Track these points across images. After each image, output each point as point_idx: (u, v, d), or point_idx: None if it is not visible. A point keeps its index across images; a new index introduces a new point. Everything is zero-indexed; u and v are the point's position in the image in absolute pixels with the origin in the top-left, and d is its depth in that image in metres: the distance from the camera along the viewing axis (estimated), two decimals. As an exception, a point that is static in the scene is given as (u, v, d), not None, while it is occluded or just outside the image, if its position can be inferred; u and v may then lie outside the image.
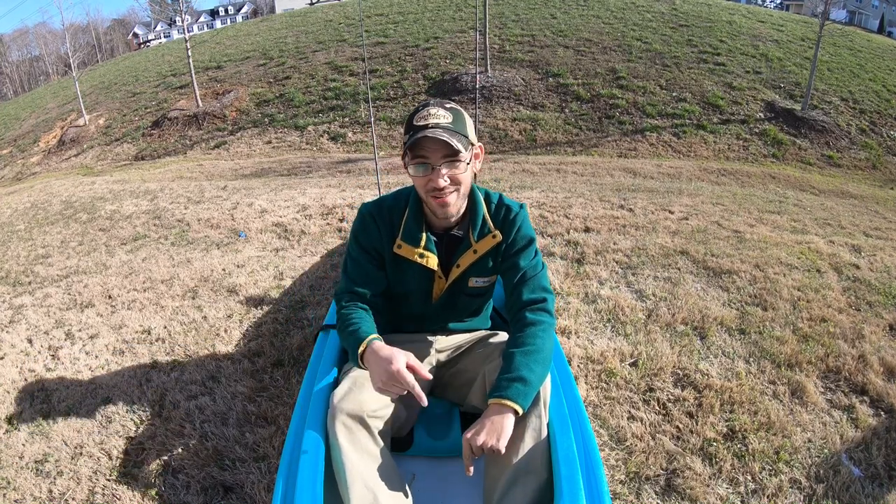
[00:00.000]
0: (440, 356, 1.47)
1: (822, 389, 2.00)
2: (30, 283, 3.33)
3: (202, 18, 54.28)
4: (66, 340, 2.49)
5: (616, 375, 2.02)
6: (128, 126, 12.61)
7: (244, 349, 2.30)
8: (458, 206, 1.31)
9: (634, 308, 2.55)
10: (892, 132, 9.68)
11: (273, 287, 2.93)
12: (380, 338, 1.24)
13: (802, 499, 1.52)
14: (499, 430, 1.10)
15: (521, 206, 1.38)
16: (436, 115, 1.21)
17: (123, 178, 8.13)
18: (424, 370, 1.10)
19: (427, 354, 1.43)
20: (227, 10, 55.13)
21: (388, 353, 1.14)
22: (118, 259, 3.59)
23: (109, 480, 1.61)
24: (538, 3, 15.18)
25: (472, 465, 1.12)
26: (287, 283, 2.96)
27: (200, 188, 6.10)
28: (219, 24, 45.35)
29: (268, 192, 5.41)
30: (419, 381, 1.10)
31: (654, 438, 1.71)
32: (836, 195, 6.98)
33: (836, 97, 10.45)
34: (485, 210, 1.36)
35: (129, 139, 11.95)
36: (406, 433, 1.35)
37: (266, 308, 2.68)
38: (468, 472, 1.12)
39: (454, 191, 1.26)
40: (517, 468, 1.12)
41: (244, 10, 54.27)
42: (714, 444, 1.68)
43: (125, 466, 1.67)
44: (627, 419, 1.80)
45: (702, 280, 2.90)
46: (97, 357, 2.32)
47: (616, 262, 3.10)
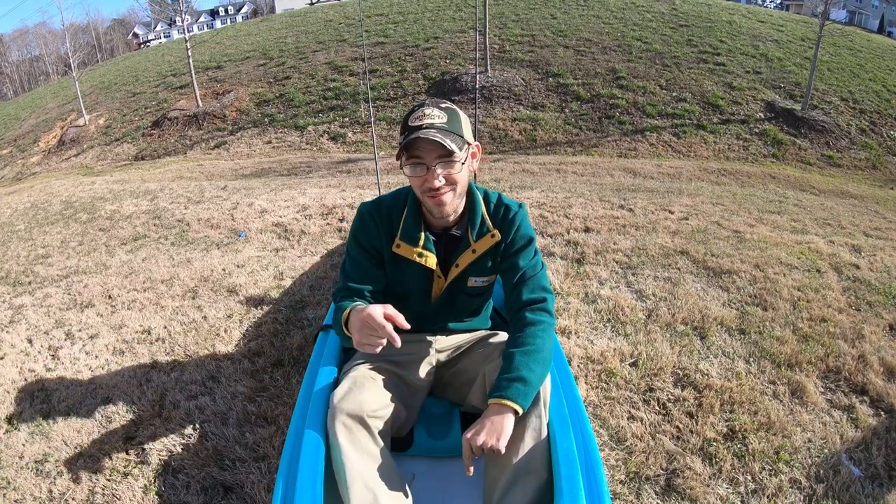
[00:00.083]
0: (440, 356, 1.47)
1: (822, 389, 2.00)
2: (30, 283, 3.33)
3: (202, 18, 54.29)
4: (66, 340, 2.49)
5: (616, 375, 2.02)
6: (128, 126, 12.61)
7: (244, 349, 2.30)
8: (455, 206, 1.31)
9: (634, 308, 2.55)
10: (892, 132, 9.68)
11: (273, 287, 2.93)
12: (365, 304, 1.21)
13: (802, 499, 1.52)
14: (499, 430, 1.10)
15: (521, 206, 1.38)
16: (430, 116, 1.21)
17: (123, 178, 8.13)
18: (402, 319, 1.07)
19: (427, 354, 1.43)
20: (227, 10, 55.13)
21: (364, 307, 1.11)
22: (118, 259, 3.59)
23: (109, 480, 1.61)
24: (538, 3, 15.18)
25: (472, 465, 1.12)
26: (287, 283, 2.96)
27: (200, 188, 6.10)
28: (219, 24, 45.36)
29: (268, 192, 5.41)
30: (399, 332, 1.07)
31: (654, 438, 1.71)
32: (836, 195, 6.98)
33: (836, 97, 10.45)
34: (483, 209, 1.36)
35: (129, 139, 11.95)
36: (406, 433, 1.35)
37: (266, 308, 2.68)
38: (468, 472, 1.12)
39: (450, 190, 1.25)
40: (517, 468, 1.12)
41: (244, 10, 54.27)
42: (714, 444, 1.68)
43: (125, 466, 1.67)
44: (627, 419, 1.80)
45: (702, 280, 2.90)
46: (97, 357, 2.32)
47: (616, 262, 3.10)
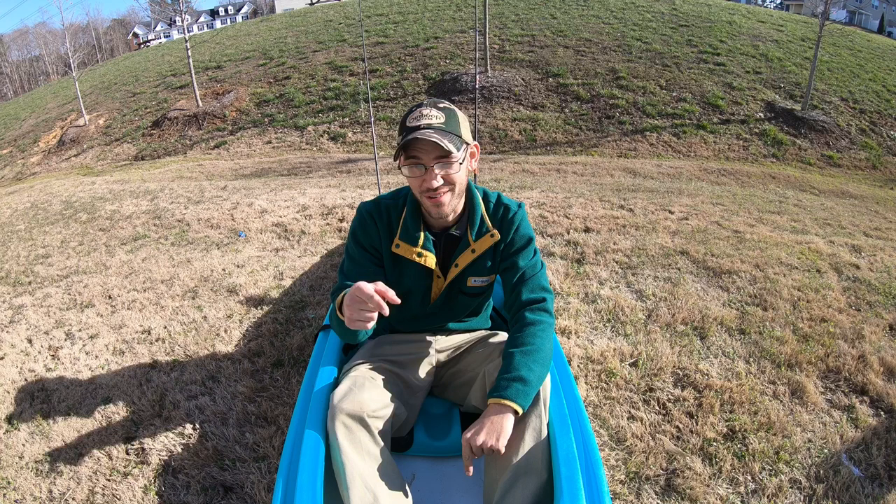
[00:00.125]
0: (440, 356, 1.47)
1: (822, 389, 2.00)
2: (30, 283, 3.33)
3: (202, 18, 54.30)
4: (66, 340, 2.49)
5: (616, 375, 2.02)
6: (128, 126, 12.61)
7: (244, 349, 2.30)
8: (454, 206, 1.31)
9: (634, 308, 2.55)
10: (892, 132, 9.68)
11: (273, 287, 2.93)
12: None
13: (802, 499, 1.52)
14: (498, 430, 1.10)
15: (520, 206, 1.38)
16: (428, 116, 1.21)
17: (123, 178, 8.13)
18: (393, 294, 1.06)
19: (427, 354, 1.43)
20: (227, 10, 55.12)
21: (355, 284, 1.10)
22: (118, 259, 3.59)
23: (109, 480, 1.61)
24: (538, 3, 15.18)
25: (472, 465, 1.12)
26: (287, 283, 2.96)
27: (200, 188, 6.10)
28: (219, 24, 45.38)
29: (268, 192, 5.41)
30: (390, 307, 1.07)
31: (654, 438, 1.71)
32: (836, 195, 6.97)
33: (836, 97, 10.45)
34: (483, 209, 1.36)
35: (129, 139, 11.95)
36: (406, 433, 1.35)
37: (266, 308, 2.68)
38: (468, 472, 1.12)
39: (448, 191, 1.26)
40: (517, 468, 1.12)
41: (244, 10, 54.27)
42: (714, 444, 1.68)
43: (125, 466, 1.67)
44: (627, 419, 1.80)
45: (702, 280, 2.90)
46: (97, 357, 2.33)
47: (616, 262, 3.10)
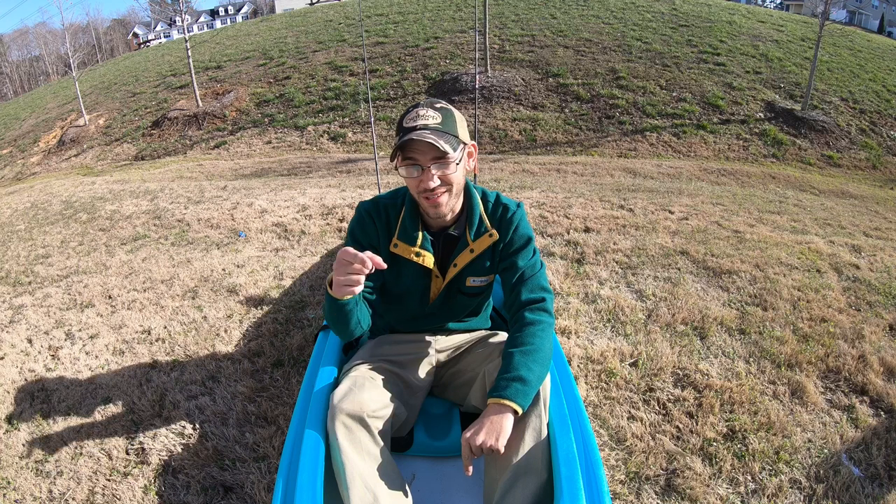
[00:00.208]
0: (440, 356, 1.47)
1: (822, 389, 2.00)
2: (30, 283, 3.33)
3: (202, 18, 54.29)
4: (66, 340, 2.49)
5: (616, 375, 2.02)
6: (128, 126, 12.61)
7: (244, 349, 2.30)
8: (452, 206, 1.31)
9: (634, 308, 2.55)
10: (892, 132, 9.67)
11: (273, 287, 2.93)
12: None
13: (802, 499, 1.52)
14: (498, 430, 1.10)
15: (519, 205, 1.38)
16: (424, 116, 1.21)
17: (123, 178, 8.13)
18: (379, 259, 1.06)
19: (427, 354, 1.43)
20: (227, 10, 55.12)
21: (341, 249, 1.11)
22: (118, 259, 3.59)
23: (109, 480, 1.61)
24: (538, 3, 15.18)
25: (472, 465, 1.12)
26: (287, 283, 2.96)
27: (200, 188, 6.10)
28: (219, 24, 45.37)
29: (268, 192, 5.41)
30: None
31: (654, 438, 1.71)
32: (836, 195, 6.97)
33: (836, 97, 10.45)
34: (481, 209, 1.36)
35: (129, 139, 11.95)
36: (406, 433, 1.35)
37: (266, 308, 2.68)
38: (467, 472, 1.12)
39: (446, 191, 1.25)
40: (517, 468, 1.12)
41: (244, 10, 54.27)
42: (714, 444, 1.68)
43: (125, 466, 1.67)
44: (627, 419, 1.80)
45: (702, 280, 2.90)
46: (97, 357, 2.33)
47: (616, 262, 3.10)
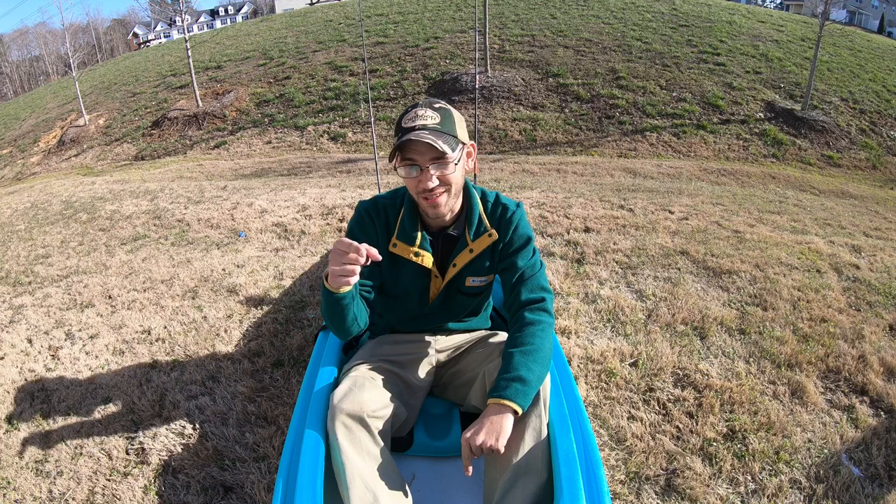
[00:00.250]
0: (440, 356, 1.47)
1: (822, 389, 2.00)
2: (30, 283, 3.33)
3: (202, 18, 54.28)
4: (66, 340, 2.49)
5: (616, 375, 2.02)
6: (128, 126, 12.61)
7: (244, 349, 2.30)
8: (451, 206, 1.31)
9: (634, 308, 2.55)
10: (892, 132, 9.68)
11: (273, 287, 2.93)
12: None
13: (802, 499, 1.52)
14: (498, 430, 1.10)
15: (518, 205, 1.38)
16: (423, 117, 1.21)
17: (123, 178, 8.13)
18: (375, 251, 1.07)
19: (427, 354, 1.43)
20: (227, 10, 55.12)
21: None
22: (118, 259, 3.59)
23: (109, 480, 1.61)
24: (538, 3, 15.18)
25: (472, 465, 1.12)
26: (287, 283, 2.96)
27: (200, 188, 6.10)
28: (219, 24, 45.37)
29: (268, 192, 5.41)
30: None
31: (654, 438, 1.71)
32: (836, 195, 6.97)
33: (836, 97, 10.45)
34: (481, 209, 1.36)
35: (129, 139, 11.95)
36: (406, 433, 1.35)
37: (266, 308, 2.68)
38: (467, 472, 1.12)
39: (445, 191, 1.25)
40: (517, 468, 1.12)
41: (244, 10, 54.27)
42: (714, 444, 1.68)
43: (125, 466, 1.67)
44: (627, 419, 1.80)
45: (702, 280, 2.90)
46: (97, 357, 2.33)
47: (616, 262, 3.10)
